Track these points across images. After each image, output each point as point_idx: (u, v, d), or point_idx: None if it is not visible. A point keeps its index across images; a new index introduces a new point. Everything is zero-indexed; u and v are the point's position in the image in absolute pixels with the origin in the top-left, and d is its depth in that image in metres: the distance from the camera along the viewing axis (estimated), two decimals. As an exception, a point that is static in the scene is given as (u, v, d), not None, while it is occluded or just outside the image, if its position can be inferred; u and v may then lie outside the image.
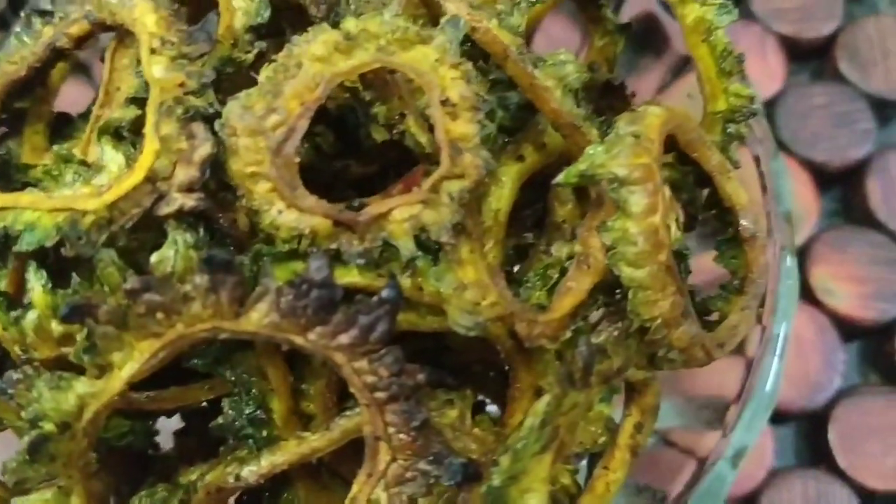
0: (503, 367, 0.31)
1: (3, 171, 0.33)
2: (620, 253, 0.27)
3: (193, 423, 0.36)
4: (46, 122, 0.35)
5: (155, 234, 0.28)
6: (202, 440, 0.33)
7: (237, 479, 0.29)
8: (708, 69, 0.35)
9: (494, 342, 0.28)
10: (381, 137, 0.29)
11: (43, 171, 0.31)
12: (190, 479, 0.31)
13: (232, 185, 0.27)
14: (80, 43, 0.32)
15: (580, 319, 0.28)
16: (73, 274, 0.28)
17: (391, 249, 0.27)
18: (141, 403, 0.31)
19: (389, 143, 0.30)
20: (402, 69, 0.28)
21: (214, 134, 0.27)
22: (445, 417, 0.28)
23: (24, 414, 0.26)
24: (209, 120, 0.28)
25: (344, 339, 0.26)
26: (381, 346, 0.26)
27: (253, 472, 0.29)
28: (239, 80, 0.30)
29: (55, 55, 0.33)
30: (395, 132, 0.29)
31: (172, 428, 0.36)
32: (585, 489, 0.31)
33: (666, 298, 0.27)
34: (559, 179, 0.28)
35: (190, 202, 0.27)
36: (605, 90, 0.39)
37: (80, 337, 0.26)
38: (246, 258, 0.27)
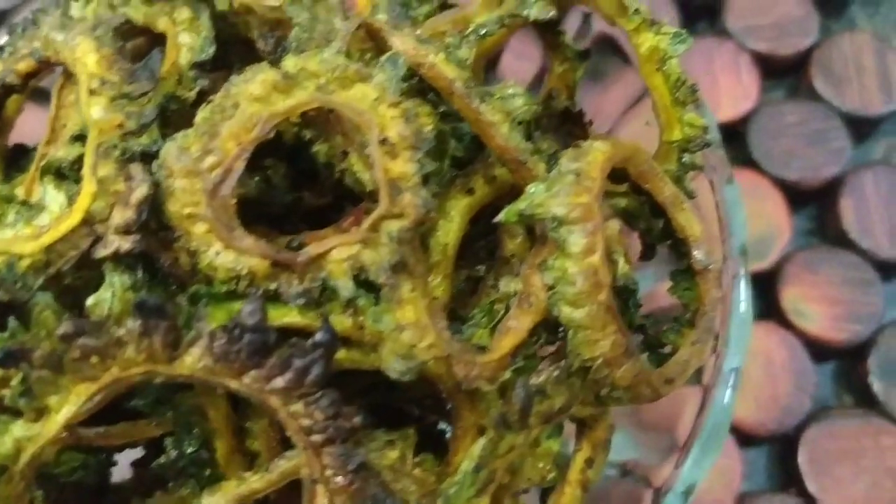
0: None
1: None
2: (560, 293, 0.27)
3: (151, 453, 0.36)
4: (1, 155, 0.35)
5: (99, 273, 0.28)
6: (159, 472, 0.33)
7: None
8: (663, 98, 0.34)
9: (436, 381, 0.28)
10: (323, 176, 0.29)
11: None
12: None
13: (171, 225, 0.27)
14: (28, 79, 0.32)
15: (521, 359, 0.28)
16: (9, 318, 0.28)
17: (332, 289, 0.27)
18: (90, 439, 0.31)
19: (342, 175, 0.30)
20: (340, 108, 0.27)
21: (152, 174, 0.27)
22: (385, 458, 0.27)
23: (-41, 458, 0.26)
24: (152, 158, 0.28)
25: (279, 382, 0.26)
26: (316, 389, 0.26)
27: (196, 512, 0.29)
28: (188, 115, 0.30)
29: (5, 91, 0.33)
30: (337, 170, 0.29)
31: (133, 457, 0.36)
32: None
33: (606, 338, 0.27)
34: (500, 218, 0.28)
35: (126, 245, 0.27)
36: (563, 118, 0.39)
37: (15, 381, 0.26)
38: (184, 299, 0.27)
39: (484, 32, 0.32)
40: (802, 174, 0.52)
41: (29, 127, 0.37)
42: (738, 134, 0.53)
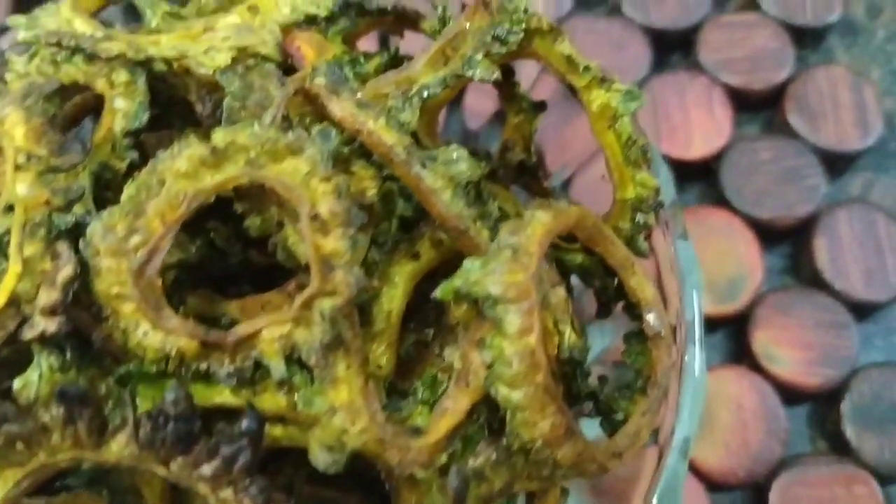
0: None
1: None
2: (497, 373, 0.26)
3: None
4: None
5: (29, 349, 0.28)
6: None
7: None
8: (615, 156, 0.34)
9: (374, 461, 0.27)
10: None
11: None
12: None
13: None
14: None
15: (458, 441, 0.27)
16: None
17: (264, 368, 0.27)
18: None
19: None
20: (271, 183, 0.27)
21: (79, 253, 0.26)
22: (320, 544, 0.27)
23: None
24: (83, 232, 0.27)
25: (206, 470, 0.25)
26: (244, 475, 0.25)
27: None
28: (122, 184, 0.30)
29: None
30: (270, 243, 0.28)
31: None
32: None
33: (545, 419, 0.26)
34: (436, 294, 0.27)
35: (52, 326, 0.26)
36: (519, 170, 0.39)
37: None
38: (111, 381, 0.26)
39: (427, 94, 0.31)
40: (775, 213, 0.51)
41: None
42: (710, 171, 0.53)
